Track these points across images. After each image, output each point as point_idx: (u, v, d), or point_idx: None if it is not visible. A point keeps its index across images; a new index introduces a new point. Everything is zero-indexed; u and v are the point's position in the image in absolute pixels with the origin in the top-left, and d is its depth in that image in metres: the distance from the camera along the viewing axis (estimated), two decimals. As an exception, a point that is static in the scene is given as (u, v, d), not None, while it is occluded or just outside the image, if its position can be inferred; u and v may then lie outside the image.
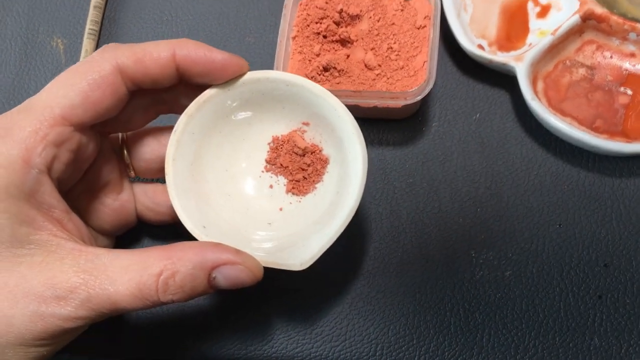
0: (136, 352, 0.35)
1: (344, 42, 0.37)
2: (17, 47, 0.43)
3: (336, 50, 0.37)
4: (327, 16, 0.37)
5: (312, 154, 0.33)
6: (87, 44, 0.42)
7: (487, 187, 0.36)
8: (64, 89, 0.28)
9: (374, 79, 0.36)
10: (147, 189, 0.34)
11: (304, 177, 0.33)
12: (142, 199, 0.33)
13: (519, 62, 0.35)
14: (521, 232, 0.34)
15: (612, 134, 0.34)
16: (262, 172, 0.33)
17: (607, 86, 0.36)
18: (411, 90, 0.34)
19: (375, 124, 0.38)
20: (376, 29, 0.37)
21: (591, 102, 0.36)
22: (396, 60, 0.36)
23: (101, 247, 0.31)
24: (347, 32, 0.37)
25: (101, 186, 0.32)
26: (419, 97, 0.34)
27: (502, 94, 0.38)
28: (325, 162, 0.32)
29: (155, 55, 0.29)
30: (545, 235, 0.34)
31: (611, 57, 0.37)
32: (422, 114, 0.38)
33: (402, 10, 0.37)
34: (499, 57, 0.36)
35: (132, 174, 0.34)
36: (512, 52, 0.37)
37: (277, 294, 0.34)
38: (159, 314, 0.35)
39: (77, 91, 0.27)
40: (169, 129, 0.31)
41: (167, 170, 0.30)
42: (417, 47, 0.36)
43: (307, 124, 0.33)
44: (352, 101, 0.34)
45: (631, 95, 0.36)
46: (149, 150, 0.33)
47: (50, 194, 0.27)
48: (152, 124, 0.33)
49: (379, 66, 0.36)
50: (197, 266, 0.26)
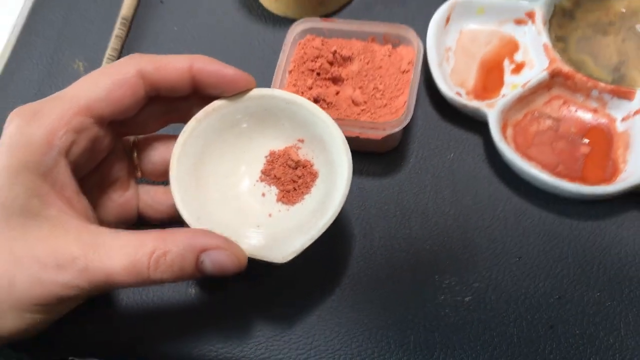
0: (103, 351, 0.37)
1: (335, 80, 0.41)
2: (42, 66, 0.48)
3: (327, 86, 0.41)
4: (322, 56, 0.41)
5: (303, 167, 0.35)
6: (106, 67, 0.46)
7: (455, 219, 0.39)
8: (91, 84, 0.31)
9: (359, 114, 0.40)
10: (149, 189, 0.37)
11: (294, 188, 0.35)
12: (144, 197, 0.37)
13: (491, 109, 0.39)
14: (483, 262, 0.37)
15: (572, 178, 0.37)
16: (257, 181, 0.36)
17: (570, 137, 0.40)
18: (390, 121, 0.38)
19: (359, 156, 0.41)
20: (365, 71, 0.41)
21: (555, 150, 0.39)
22: (380, 99, 0.40)
23: None
24: (338, 71, 0.41)
25: (111, 182, 0.35)
26: (397, 129, 0.37)
27: (475, 138, 0.41)
28: (314, 176, 0.35)
29: (174, 65, 0.32)
30: (505, 266, 0.37)
31: (576, 111, 0.40)
32: (401, 150, 0.41)
33: (389, 56, 0.41)
34: (473, 103, 0.40)
35: (139, 174, 0.37)
36: (486, 101, 0.41)
37: (252, 302, 0.37)
38: (129, 314, 0.37)
39: (102, 88, 0.31)
40: (177, 137, 0.34)
41: (171, 165, 0.33)
42: (400, 89, 0.40)
43: (302, 141, 0.36)
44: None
45: (591, 146, 0.39)
46: (157, 154, 0.36)
47: (64, 174, 0.30)
48: (162, 132, 0.37)
49: (365, 103, 0.40)
50: (187, 248, 0.28)
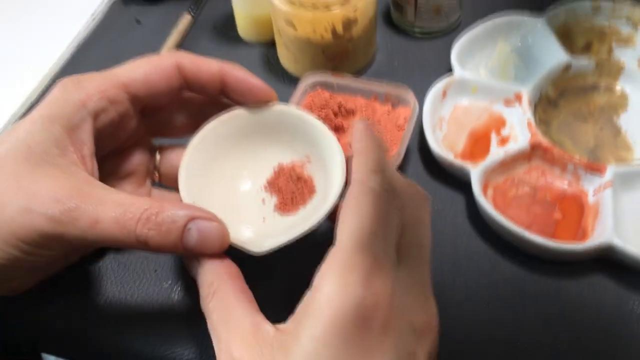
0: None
1: (337, 128, 0.46)
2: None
3: (330, 133, 0.45)
4: (328, 106, 0.46)
5: (305, 182, 0.38)
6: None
7: (433, 266, 0.41)
8: (132, 66, 0.36)
9: (355, 159, 0.44)
10: (163, 194, 0.40)
11: (291, 199, 0.38)
12: (154, 196, 0.40)
13: (474, 168, 0.43)
14: (457, 305, 0.39)
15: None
16: (260, 189, 0.39)
17: (546, 204, 0.43)
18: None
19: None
20: (365, 124, 0.46)
21: (530, 214, 0.42)
22: (376, 149, 0.44)
23: None
24: (341, 122, 0.46)
25: (128, 173, 0.39)
26: (387, 171, 0.41)
27: (458, 195, 0.45)
28: (312, 192, 0.38)
29: (207, 65, 0.36)
30: (475, 308, 0.39)
31: (552, 182, 0.44)
32: (390, 199, 0.45)
33: (388, 114, 0.46)
34: (459, 162, 0.44)
35: (157, 177, 0.40)
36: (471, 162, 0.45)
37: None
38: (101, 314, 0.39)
39: (141, 70, 0.36)
40: None
41: (185, 153, 0.36)
42: (396, 143, 0.44)
43: (309, 157, 0.39)
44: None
45: (563, 214, 0.42)
46: (178, 159, 0.38)
47: (86, 134, 0.34)
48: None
49: (361, 150, 0.44)
50: (179, 212, 0.31)
